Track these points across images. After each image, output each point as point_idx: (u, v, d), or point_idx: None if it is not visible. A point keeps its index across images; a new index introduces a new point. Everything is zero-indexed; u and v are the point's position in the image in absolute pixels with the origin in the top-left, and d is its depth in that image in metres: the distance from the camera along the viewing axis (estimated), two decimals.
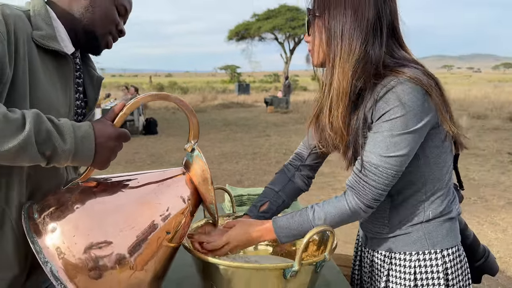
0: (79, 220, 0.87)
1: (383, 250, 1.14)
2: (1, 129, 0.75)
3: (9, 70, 0.87)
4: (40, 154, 0.80)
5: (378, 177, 0.97)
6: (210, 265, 1.01)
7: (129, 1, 1.15)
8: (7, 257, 0.95)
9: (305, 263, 0.96)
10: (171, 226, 0.96)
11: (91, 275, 0.84)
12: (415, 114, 0.95)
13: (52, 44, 0.98)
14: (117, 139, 0.92)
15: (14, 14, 0.92)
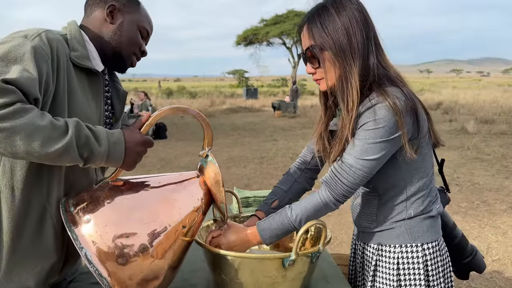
0: (109, 213, 1.02)
1: (372, 243, 1.29)
2: (49, 134, 0.90)
3: (52, 84, 1.02)
4: (79, 156, 0.95)
5: (350, 176, 1.13)
6: (219, 257, 1.15)
7: (150, 25, 1.31)
8: (47, 248, 1.10)
9: (301, 253, 1.11)
10: (186, 221, 1.11)
11: (119, 261, 0.99)
12: (386, 129, 1.10)
13: (85, 63, 1.14)
14: (143, 144, 1.08)
15: (56, 39, 1.08)
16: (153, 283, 1.05)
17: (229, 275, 1.16)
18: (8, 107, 0.86)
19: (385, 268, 1.25)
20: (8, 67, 0.93)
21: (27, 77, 0.93)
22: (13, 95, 0.88)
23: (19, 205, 1.05)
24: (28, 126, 0.87)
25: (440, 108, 16.96)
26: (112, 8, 1.21)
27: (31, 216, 1.07)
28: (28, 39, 1.00)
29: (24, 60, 0.95)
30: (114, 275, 0.98)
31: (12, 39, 1.00)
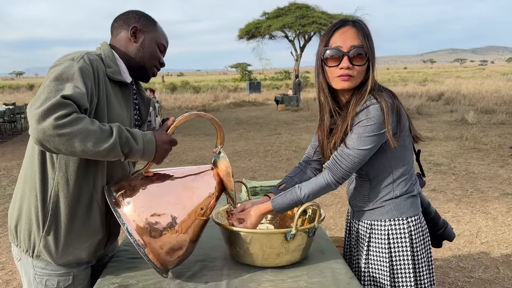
0: (144, 197, 1.30)
1: (365, 219, 1.58)
2: (99, 136, 1.17)
3: (95, 97, 1.29)
4: (121, 152, 1.22)
5: (348, 163, 1.42)
6: (234, 233, 1.42)
7: (166, 40, 1.55)
8: (95, 226, 1.38)
9: (300, 228, 1.38)
10: (204, 204, 1.38)
11: (152, 234, 1.26)
12: (377, 125, 1.38)
13: (118, 77, 1.40)
14: (169, 143, 1.36)
15: (95, 59, 1.33)
16: (178, 252, 1.33)
17: (242, 248, 1.43)
18: (67, 117, 1.12)
19: (378, 239, 1.53)
20: (63, 85, 1.18)
21: (78, 92, 1.19)
22: (70, 107, 1.14)
23: (72, 193, 1.32)
24: (83, 131, 1.14)
25: (442, 99, 17.14)
26: (135, 29, 1.45)
27: (82, 201, 1.35)
28: (75, 61, 1.25)
29: (74, 79, 1.21)
30: (149, 245, 1.26)
31: (63, 61, 1.26)
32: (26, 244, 1.34)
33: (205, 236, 1.75)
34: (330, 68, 1.44)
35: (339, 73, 1.41)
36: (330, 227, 4.06)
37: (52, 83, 1.17)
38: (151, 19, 1.51)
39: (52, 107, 1.10)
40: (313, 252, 1.58)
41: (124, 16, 1.49)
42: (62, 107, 1.12)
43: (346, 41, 1.40)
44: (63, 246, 1.34)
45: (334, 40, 1.42)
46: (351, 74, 1.41)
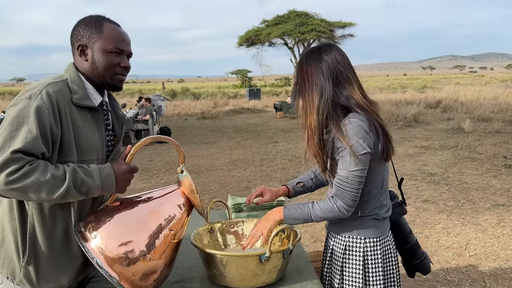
0: (110, 228, 1.33)
1: (331, 231, 1.68)
2: (51, 185, 1.21)
3: (56, 130, 1.29)
4: (79, 193, 1.26)
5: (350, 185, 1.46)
6: (210, 255, 1.45)
7: (119, 40, 1.42)
8: (74, 252, 1.42)
9: (274, 250, 1.42)
10: (173, 225, 1.41)
11: (122, 264, 1.29)
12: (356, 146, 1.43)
13: (86, 103, 1.38)
14: (129, 172, 1.38)
15: (55, 90, 1.31)
16: (152, 277, 1.36)
17: (218, 270, 1.47)
18: (17, 172, 1.17)
19: (337, 251, 1.63)
20: (17, 131, 1.21)
21: (31, 139, 1.20)
22: (21, 161, 1.18)
23: (48, 223, 1.35)
24: (35, 183, 1.19)
25: (439, 106, 17.19)
26: (81, 48, 1.40)
27: (58, 230, 1.38)
28: (32, 100, 1.26)
29: (29, 122, 1.22)
30: (121, 275, 1.29)
31: (20, 101, 1.27)
32: (7, 272, 1.37)
33: (185, 255, 1.78)
34: None
35: None
36: (321, 239, 4.08)
37: (7, 128, 1.22)
38: (96, 25, 1.41)
39: (3, 164, 1.16)
40: (290, 271, 1.61)
41: (72, 34, 1.44)
42: (13, 162, 1.17)
43: None
44: (43, 275, 1.37)
45: None
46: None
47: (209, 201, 5.42)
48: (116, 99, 1.64)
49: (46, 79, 1.38)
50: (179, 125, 14.70)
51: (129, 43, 1.48)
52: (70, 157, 1.33)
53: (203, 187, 6.18)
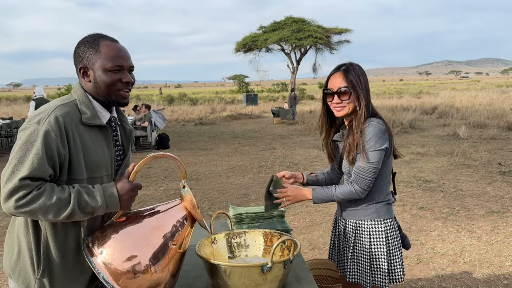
0: (115, 244, 1.40)
1: (351, 219, 1.99)
2: (58, 208, 1.29)
3: (64, 152, 1.36)
4: (84, 214, 1.34)
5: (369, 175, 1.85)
6: (215, 266, 1.53)
7: (117, 57, 1.45)
8: (85, 265, 1.49)
9: (276, 261, 1.49)
10: (176, 239, 1.48)
11: (127, 277, 1.36)
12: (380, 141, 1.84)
13: (95, 122, 1.44)
14: (133, 190, 1.44)
15: (63, 113, 1.37)
16: None
17: (222, 279, 1.54)
18: (26, 197, 1.27)
19: (361, 237, 1.94)
20: (26, 155, 1.29)
21: (37, 164, 1.28)
22: (28, 187, 1.28)
23: (61, 237, 1.43)
24: (42, 207, 1.28)
25: (435, 112, 17.34)
26: (83, 70, 1.45)
27: (70, 243, 1.45)
28: (40, 125, 1.32)
29: (36, 147, 1.30)
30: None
31: (30, 126, 1.33)
32: (22, 283, 1.44)
33: (191, 265, 1.85)
34: (329, 102, 1.98)
35: (333, 106, 1.95)
36: (319, 246, 4.16)
37: (17, 153, 1.31)
38: (93, 44, 1.45)
39: (12, 191, 1.27)
40: (290, 281, 1.68)
41: (74, 55, 1.49)
42: (21, 189, 1.27)
43: (335, 84, 1.93)
44: (58, 286, 1.44)
45: (330, 82, 1.96)
46: (341, 105, 1.92)
47: (208, 208, 5.48)
48: (123, 113, 1.71)
49: (55, 102, 1.44)
50: (177, 131, 14.76)
51: (129, 57, 1.50)
52: (80, 175, 1.40)
53: (202, 195, 6.24)
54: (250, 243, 1.85)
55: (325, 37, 29.20)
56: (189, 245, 2.05)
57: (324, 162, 8.33)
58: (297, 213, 5.23)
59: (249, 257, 1.83)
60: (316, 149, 9.91)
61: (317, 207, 5.45)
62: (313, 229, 4.67)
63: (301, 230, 4.64)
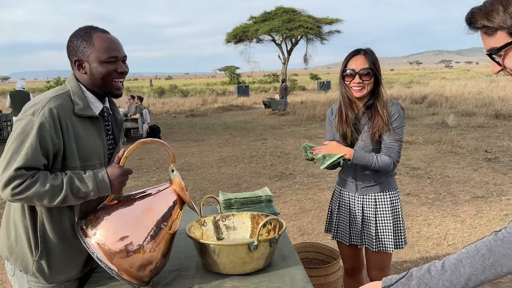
0: (107, 225, 1.46)
1: (371, 193, 2.24)
2: (51, 194, 1.37)
3: (58, 142, 1.42)
4: (77, 198, 1.41)
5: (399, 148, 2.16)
6: (204, 245, 1.61)
7: (111, 49, 1.49)
8: (81, 247, 1.56)
9: (261, 239, 1.57)
10: (166, 220, 1.55)
11: (120, 256, 1.43)
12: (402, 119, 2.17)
13: (87, 113, 1.49)
14: (123, 175, 1.50)
15: (57, 105, 1.42)
16: (148, 267, 1.50)
17: (211, 258, 1.62)
18: (21, 185, 1.34)
19: (384, 208, 2.22)
20: (21, 146, 1.35)
21: (31, 155, 1.35)
22: (23, 176, 1.34)
23: (56, 220, 1.49)
24: (37, 193, 1.35)
25: (425, 101, 17.52)
26: (77, 62, 1.50)
27: (66, 226, 1.52)
28: (34, 116, 1.38)
29: (31, 137, 1.36)
30: (119, 267, 1.44)
31: (25, 117, 1.39)
32: (20, 265, 1.51)
33: (181, 246, 1.93)
34: (347, 82, 2.15)
35: (353, 85, 2.12)
36: (308, 232, 4.26)
37: (13, 144, 1.37)
38: (89, 36, 1.49)
39: (8, 180, 1.35)
40: (276, 259, 1.77)
41: (68, 48, 1.52)
42: (16, 178, 1.35)
43: (358, 65, 2.10)
44: (55, 268, 1.51)
45: (350, 64, 2.12)
46: (361, 85, 2.11)
47: (200, 197, 5.56)
48: (115, 103, 1.77)
49: (49, 93, 1.49)
50: (168, 123, 14.77)
51: (122, 48, 1.55)
52: (73, 164, 1.47)
53: (194, 184, 6.32)
54: (238, 225, 1.93)
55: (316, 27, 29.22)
56: (180, 228, 2.13)
57: None
58: (287, 201, 5.33)
59: (237, 238, 1.92)
60: (307, 139, 10.01)
61: (307, 195, 5.55)
62: (302, 215, 4.78)
63: (291, 217, 4.74)
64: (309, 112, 15.06)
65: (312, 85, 37.53)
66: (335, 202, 2.38)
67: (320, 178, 6.40)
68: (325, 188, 5.86)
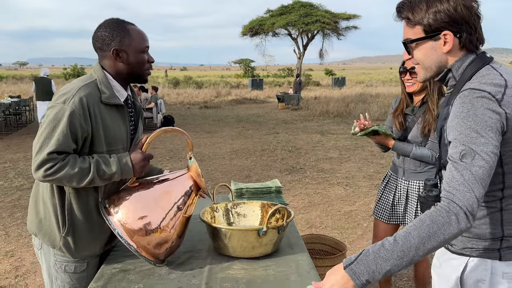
0: (128, 205, 1.58)
1: (416, 180, 2.45)
2: (80, 176, 1.49)
3: (87, 128, 1.53)
4: (103, 180, 1.53)
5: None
6: (216, 229, 1.71)
7: (145, 39, 1.65)
8: (105, 224, 1.67)
9: (270, 226, 1.67)
10: (182, 203, 1.66)
11: (139, 234, 1.55)
12: None
13: (113, 101, 1.59)
14: (144, 160, 1.63)
15: (86, 94, 1.52)
16: (164, 246, 1.62)
17: (223, 242, 1.72)
18: (52, 168, 1.46)
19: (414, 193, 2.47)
20: (53, 132, 1.47)
21: (63, 140, 1.46)
22: (55, 160, 1.46)
23: (83, 200, 1.61)
24: (67, 175, 1.47)
25: None
26: (115, 51, 1.59)
27: (91, 206, 1.64)
28: (66, 104, 1.49)
29: (62, 124, 1.47)
30: (138, 243, 1.55)
31: (57, 104, 1.50)
32: (48, 240, 1.63)
33: (195, 230, 2.04)
34: (402, 78, 2.42)
35: (405, 81, 2.39)
36: (316, 225, 4.35)
37: (46, 129, 1.49)
38: (124, 28, 1.61)
39: (41, 163, 1.46)
40: (283, 246, 1.87)
41: (100, 38, 1.61)
42: (49, 161, 1.47)
43: (409, 63, 2.28)
44: (80, 244, 1.64)
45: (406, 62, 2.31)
46: (412, 81, 2.35)
47: (212, 187, 5.69)
48: (135, 92, 1.88)
49: (78, 82, 1.60)
50: (182, 114, 14.94)
51: None
52: (100, 148, 1.59)
53: (206, 175, 6.44)
54: (248, 213, 2.03)
55: (333, 22, 29.03)
56: (194, 214, 2.24)
57: (326, 147, 8.49)
58: (296, 194, 5.42)
59: (247, 225, 2.02)
60: (319, 135, 10.06)
61: (316, 190, 5.64)
62: (311, 209, 4.87)
63: (300, 210, 4.84)
64: (322, 108, 15.08)
65: (327, 80, 37.39)
66: (383, 184, 2.67)
67: (330, 174, 6.47)
68: (335, 184, 5.93)
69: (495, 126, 1.13)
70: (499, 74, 1.21)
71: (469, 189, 1.08)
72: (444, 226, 1.07)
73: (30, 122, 12.83)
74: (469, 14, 1.22)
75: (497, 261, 1.29)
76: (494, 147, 1.12)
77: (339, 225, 4.39)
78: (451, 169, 1.13)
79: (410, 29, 1.30)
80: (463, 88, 1.23)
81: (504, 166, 1.22)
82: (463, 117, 1.15)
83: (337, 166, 6.97)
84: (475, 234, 1.31)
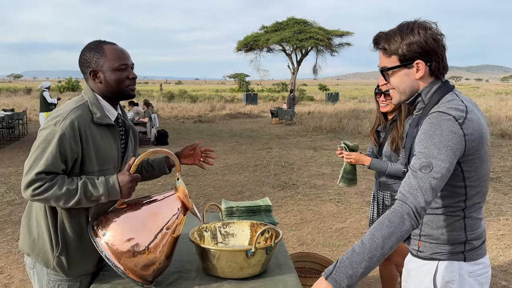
0: (115, 227, 1.59)
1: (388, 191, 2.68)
2: (67, 197, 1.51)
3: (77, 149, 1.56)
4: (90, 201, 1.55)
5: None
6: (205, 249, 1.73)
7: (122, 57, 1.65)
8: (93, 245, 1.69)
9: (258, 247, 1.69)
10: (170, 225, 1.67)
11: (125, 256, 1.56)
12: None
13: (104, 121, 1.64)
14: (132, 182, 1.64)
15: (77, 116, 1.56)
16: (152, 267, 1.63)
17: (211, 262, 1.74)
18: (40, 188, 1.49)
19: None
20: (43, 153, 1.50)
21: (51, 161, 1.49)
22: (43, 180, 1.49)
23: (74, 220, 1.63)
24: (54, 196, 1.50)
25: None
26: (93, 73, 1.64)
27: (83, 226, 1.66)
28: (56, 126, 1.52)
29: (52, 145, 1.51)
30: (125, 265, 1.56)
31: (48, 126, 1.53)
32: (41, 260, 1.64)
33: (184, 250, 2.06)
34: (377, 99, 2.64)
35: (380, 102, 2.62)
36: (307, 242, 4.36)
37: (36, 150, 1.52)
38: (100, 48, 1.65)
39: (30, 182, 1.49)
40: (271, 266, 1.89)
41: (81, 62, 1.67)
42: (37, 181, 1.50)
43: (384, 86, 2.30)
44: (73, 263, 1.65)
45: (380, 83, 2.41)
46: (386, 103, 2.58)
47: (204, 203, 5.69)
48: (125, 111, 1.91)
49: (70, 104, 1.64)
50: (176, 128, 14.96)
51: (129, 56, 1.71)
52: (91, 167, 1.61)
53: (198, 190, 6.45)
54: (238, 232, 2.05)
55: (326, 39, 29.40)
56: (183, 233, 2.25)
57: (318, 162, 8.53)
58: (288, 211, 5.44)
59: (236, 245, 2.04)
60: (312, 150, 10.12)
61: (308, 206, 5.66)
62: (302, 226, 4.88)
63: (291, 227, 4.85)
64: (315, 123, 15.17)
65: (321, 95, 37.66)
66: (372, 202, 2.88)
67: (322, 190, 6.50)
68: (327, 200, 5.96)
69: (455, 147, 1.31)
70: (460, 100, 1.40)
71: (421, 195, 1.26)
72: (399, 225, 1.24)
73: (23, 136, 12.77)
74: (437, 46, 1.41)
75: (463, 262, 1.46)
76: (450, 165, 1.30)
77: (330, 242, 4.41)
78: (410, 176, 1.31)
79: (386, 58, 1.47)
80: (431, 110, 1.40)
81: (466, 180, 1.39)
82: (430, 135, 1.32)
83: (329, 182, 7.00)
84: (443, 240, 1.46)
